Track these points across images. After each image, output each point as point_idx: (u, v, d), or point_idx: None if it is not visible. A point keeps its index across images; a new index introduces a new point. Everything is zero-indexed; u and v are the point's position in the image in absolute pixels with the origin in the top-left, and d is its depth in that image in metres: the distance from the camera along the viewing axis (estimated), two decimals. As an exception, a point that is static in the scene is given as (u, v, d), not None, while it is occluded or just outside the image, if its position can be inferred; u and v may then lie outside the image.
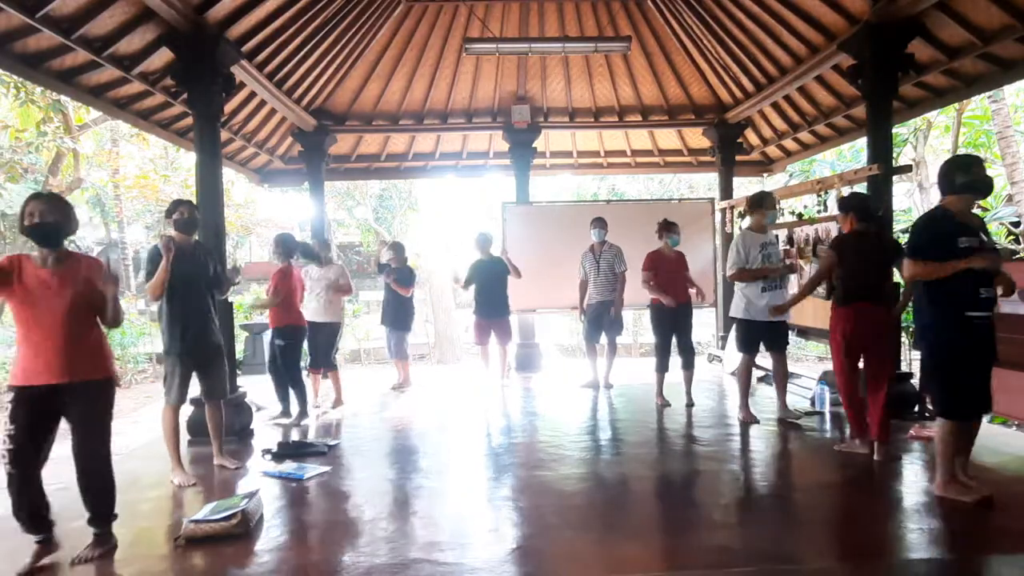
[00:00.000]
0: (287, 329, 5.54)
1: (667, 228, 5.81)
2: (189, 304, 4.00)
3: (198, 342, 4.03)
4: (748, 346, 5.13)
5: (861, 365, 4.23)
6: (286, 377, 5.60)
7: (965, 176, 3.24)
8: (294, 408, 5.65)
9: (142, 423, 7.24)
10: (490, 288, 6.71)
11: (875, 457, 4.08)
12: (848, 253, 4.19)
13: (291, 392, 5.64)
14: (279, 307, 5.47)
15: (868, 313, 4.10)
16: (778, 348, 5.15)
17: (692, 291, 5.96)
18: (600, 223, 6.46)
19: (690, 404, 5.78)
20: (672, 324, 5.73)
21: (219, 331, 4.22)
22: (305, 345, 5.85)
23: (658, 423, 5.32)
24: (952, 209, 3.28)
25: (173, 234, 4.04)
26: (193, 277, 4.03)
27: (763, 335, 5.10)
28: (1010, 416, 4.85)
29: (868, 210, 4.29)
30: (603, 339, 6.62)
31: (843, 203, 4.43)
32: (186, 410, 4.38)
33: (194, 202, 4.29)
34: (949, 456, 3.38)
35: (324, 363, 6.13)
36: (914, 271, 3.27)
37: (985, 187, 3.30)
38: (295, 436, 5.09)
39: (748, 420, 5.14)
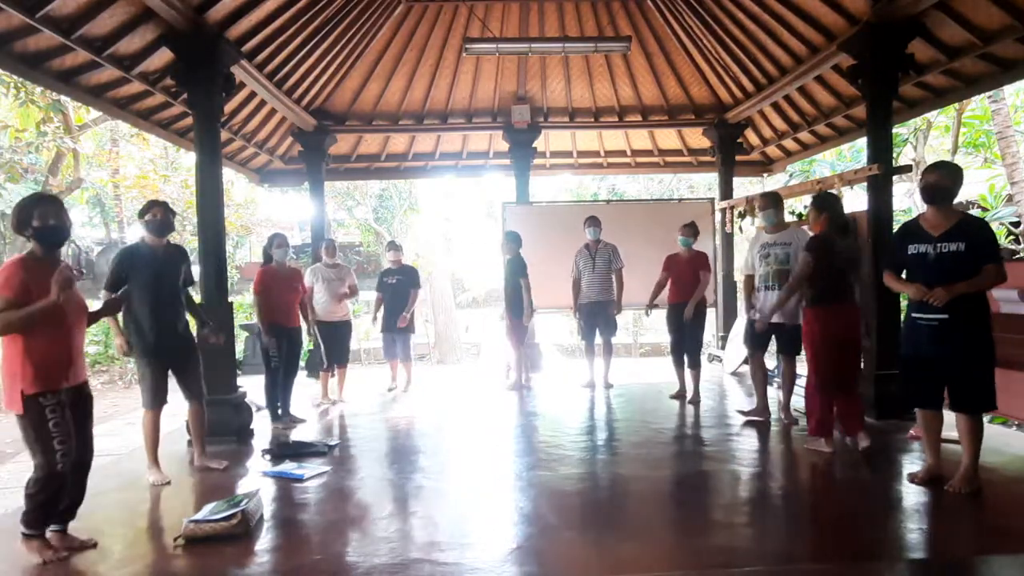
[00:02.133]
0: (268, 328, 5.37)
1: (681, 229, 5.95)
2: (158, 304, 3.89)
3: (168, 340, 3.93)
4: (748, 341, 5.24)
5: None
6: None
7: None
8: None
9: (139, 424, 7.22)
10: (511, 288, 6.61)
11: (861, 447, 4.17)
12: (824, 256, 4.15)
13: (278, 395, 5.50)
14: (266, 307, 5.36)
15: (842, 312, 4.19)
16: (784, 352, 5.07)
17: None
18: (594, 221, 6.47)
19: (693, 401, 5.85)
20: (681, 322, 5.84)
21: (189, 330, 4.12)
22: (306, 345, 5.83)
23: (658, 423, 5.31)
24: (922, 218, 3.48)
25: (144, 236, 3.98)
26: (162, 279, 3.93)
27: (766, 335, 5.06)
28: (1010, 416, 4.84)
29: (840, 217, 4.27)
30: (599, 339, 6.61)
31: (820, 202, 4.30)
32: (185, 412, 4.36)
33: (168, 204, 4.09)
34: (927, 445, 3.61)
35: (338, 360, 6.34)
36: (885, 280, 3.62)
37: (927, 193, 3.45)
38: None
39: (753, 417, 5.12)
